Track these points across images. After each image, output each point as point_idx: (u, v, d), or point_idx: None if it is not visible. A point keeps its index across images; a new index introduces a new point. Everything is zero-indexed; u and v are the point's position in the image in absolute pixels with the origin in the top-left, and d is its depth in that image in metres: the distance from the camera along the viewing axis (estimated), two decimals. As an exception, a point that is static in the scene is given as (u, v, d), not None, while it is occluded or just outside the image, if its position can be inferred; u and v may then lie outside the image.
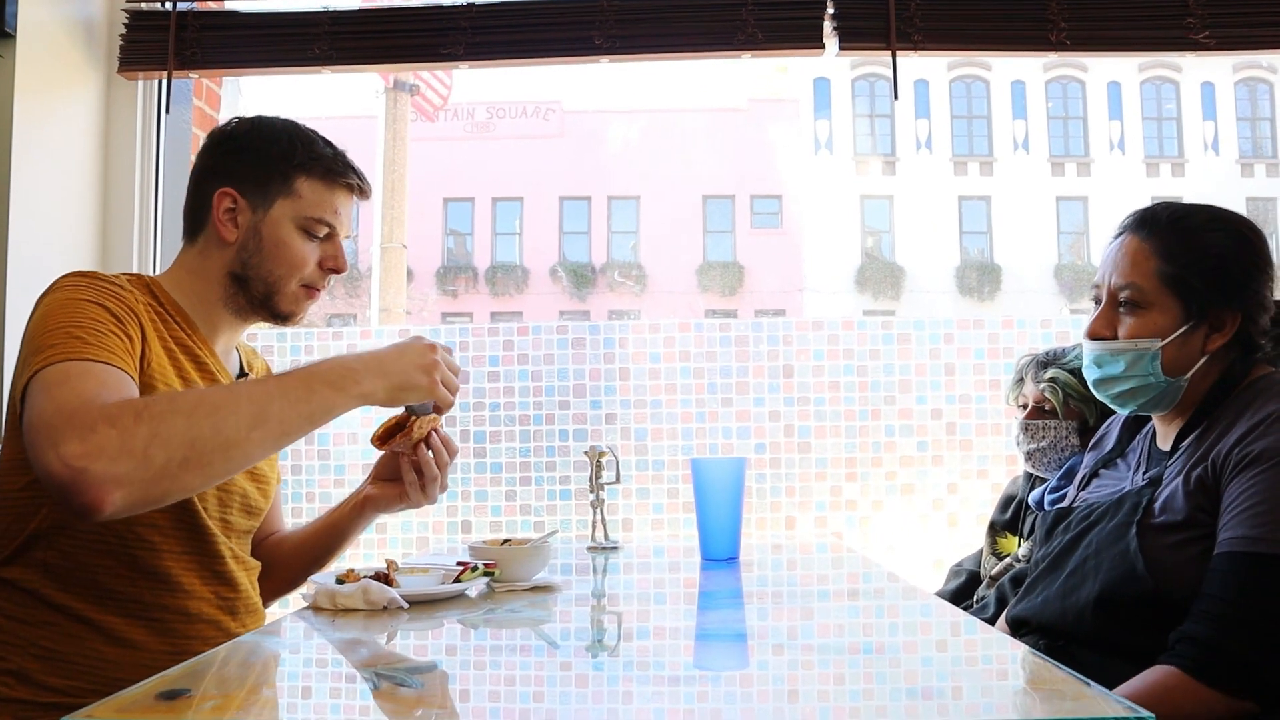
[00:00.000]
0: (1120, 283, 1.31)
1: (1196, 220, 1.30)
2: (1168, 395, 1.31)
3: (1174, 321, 1.28)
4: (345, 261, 1.38)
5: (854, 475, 2.61)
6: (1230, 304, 1.27)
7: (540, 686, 0.93)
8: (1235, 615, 1.12)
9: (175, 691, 0.83)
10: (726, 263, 23.36)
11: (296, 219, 1.33)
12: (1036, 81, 23.41)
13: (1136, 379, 1.30)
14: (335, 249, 1.37)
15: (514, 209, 23.90)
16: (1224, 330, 1.28)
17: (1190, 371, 1.29)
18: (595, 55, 2.33)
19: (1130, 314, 1.30)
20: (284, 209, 1.33)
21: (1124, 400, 1.34)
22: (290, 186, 1.33)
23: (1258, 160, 23.05)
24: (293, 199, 1.33)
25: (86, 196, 2.35)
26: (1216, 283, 1.27)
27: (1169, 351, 1.29)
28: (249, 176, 1.32)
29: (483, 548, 1.43)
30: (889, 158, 23.50)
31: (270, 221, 1.32)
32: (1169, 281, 1.28)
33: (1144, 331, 1.29)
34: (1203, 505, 1.21)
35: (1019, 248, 22.85)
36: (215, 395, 1.09)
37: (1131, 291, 1.30)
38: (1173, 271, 1.28)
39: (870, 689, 0.89)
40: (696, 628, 1.20)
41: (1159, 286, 1.29)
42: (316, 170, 1.34)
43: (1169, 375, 1.29)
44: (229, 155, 1.34)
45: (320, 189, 1.35)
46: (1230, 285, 1.27)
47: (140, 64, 2.38)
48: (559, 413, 2.65)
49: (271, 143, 1.34)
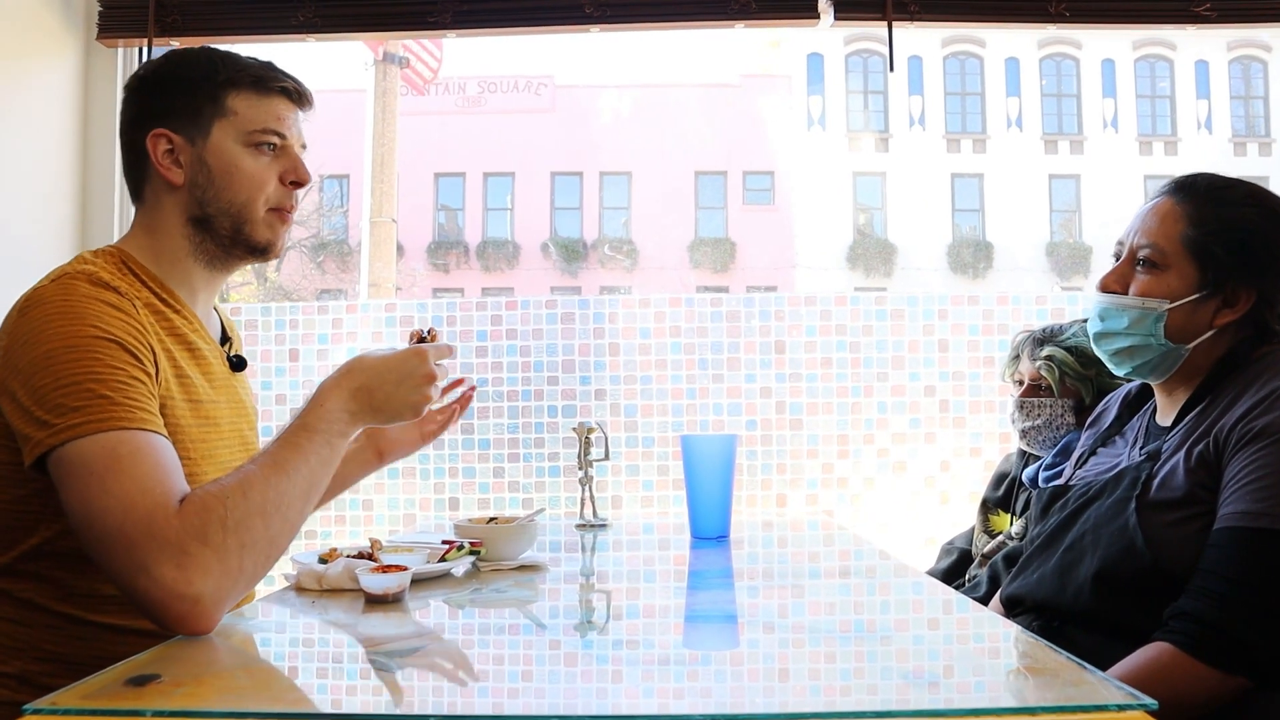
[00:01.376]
0: (1142, 241, 1.30)
1: (1235, 193, 1.29)
2: (1166, 361, 1.29)
3: (1188, 287, 1.27)
4: (307, 172, 1.29)
5: (846, 452, 2.59)
6: (1248, 280, 1.26)
7: (529, 665, 0.92)
8: (1233, 592, 1.11)
9: (145, 677, 0.80)
10: (718, 239, 23.29)
11: (240, 137, 1.24)
12: (1030, 58, 23.32)
13: (1137, 337, 1.29)
14: (292, 160, 1.28)
15: (505, 184, 23.77)
16: (1236, 307, 1.27)
17: (1194, 342, 1.28)
18: (585, 24, 2.29)
19: (1146, 272, 1.29)
20: (223, 131, 1.24)
21: (1120, 359, 1.33)
22: (222, 106, 1.24)
23: (1251, 139, 23.03)
24: (229, 118, 1.24)
25: (65, 166, 2.30)
26: (1239, 256, 1.25)
27: (1176, 316, 1.27)
28: (177, 110, 1.23)
29: (468, 526, 1.41)
30: (882, 134, 23.42)
31: (213, 149, 1.23)
32: (1191, 245, 1.27)
33: (1155, 291, 1.28)
34: (1203, 481, 1.19)
35: (1011, 225, 22.83)
36: (280, 483, 1.04)
37: (1152, 251, 1.29)
38: (1198, 236, 1.27)
39: (861, 668, 0.89)
40: (686, 606, 1.19)
41: (1180, 250, 1.27)
42: (245, 81, 1.25)
43: (1171, 340, 1.28)
44: (150, 96, 1.24)
45: (255, 100, 1.25)
46: (1253, 261, 1.25)
47: (120, 31, 2.34)
48: (548, 389, 2.62)
49: (190, 68, 1.25)
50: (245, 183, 1.25)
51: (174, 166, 1.23)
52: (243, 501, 1.00)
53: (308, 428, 1.10)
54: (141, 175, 1.26)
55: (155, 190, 1.26)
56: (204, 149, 1.23)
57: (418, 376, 1.19)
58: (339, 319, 2.70)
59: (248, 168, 1.25)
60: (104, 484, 0.97)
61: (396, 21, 2.38)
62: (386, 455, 1.50)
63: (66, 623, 1.14)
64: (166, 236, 1.25)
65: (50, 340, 1.06)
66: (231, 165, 1.24)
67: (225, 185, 1.24)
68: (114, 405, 1.02)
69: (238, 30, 2.37)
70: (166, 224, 1.25)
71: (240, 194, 1.24)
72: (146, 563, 0.94)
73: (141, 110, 1.25)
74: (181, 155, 1.23)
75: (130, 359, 1.08)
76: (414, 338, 1.30)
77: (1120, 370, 1.35)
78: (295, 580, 1.23)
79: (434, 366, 1.21)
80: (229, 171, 1.24)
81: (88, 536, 0.98)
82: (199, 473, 1.19)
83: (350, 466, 1.49)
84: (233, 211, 1.25)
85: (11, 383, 1.06)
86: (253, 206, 1.25)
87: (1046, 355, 1.85)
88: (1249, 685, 1.10)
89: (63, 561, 1.13)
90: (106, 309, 1.10)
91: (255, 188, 1.25)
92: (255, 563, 1.00)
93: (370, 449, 1.49)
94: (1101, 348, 1.35)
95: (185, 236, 1.26)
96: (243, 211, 1.25)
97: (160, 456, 1.02)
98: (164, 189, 1.25)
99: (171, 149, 1.23)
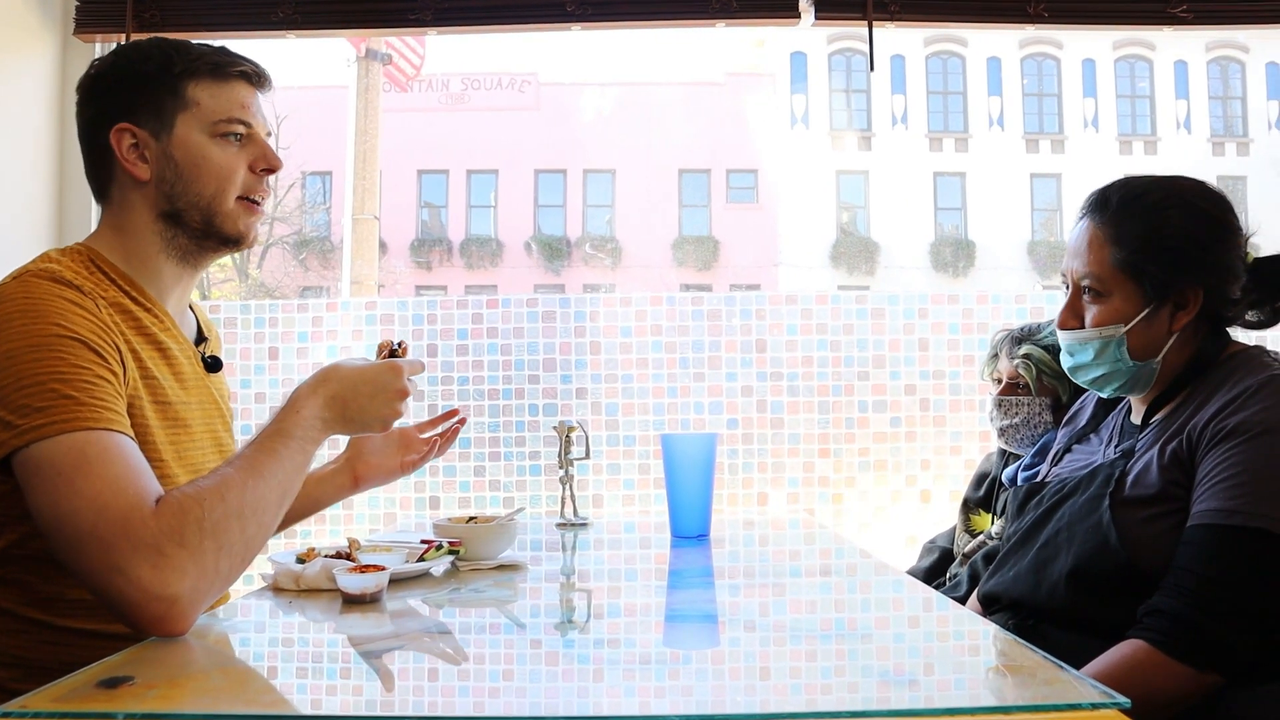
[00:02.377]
0: (1081, 271, 1.31)
1: (1149, 200, 1.29)
2: (1141, 378, 1.31)
3: (1135, 306, 1.28)
4: (277, 158, 1.28)
5: (827, 451, 2.60)
6: (1190, 281, 1.26)
7: (509, 665, 0.91)
8: (1207, 589, 1.12)
9: (117, 679, 0.80)
10: (702, 237, 23.30)
11: (204, 127, 1.22)
12: (1012, 58, 23.43)
13: (1107, 365, 1.30)
14: (260, 147, 1.27)
15: (489, 181, 23.70)
16: (1188, 307, 1.27)
17: (1161, 353, 1.29)
18: (567, 23, 2.28)
19: (1094, 301, 1.30)
20: (187, 123, 1.22)
21: (1100, 385, 1.34)
22: (183, 98, 1.22)
23: (1229, 139, 23.22)
24: (191, 110, 1.22)
25: (41, 161, 2.28)
26: (1172, 263, 1.26)
27: (1135, 336, 1.28)
28: (137, 105, 1.20)
29: (447, 525, 1.40)
30: (865, 133, 23.47)
31: (178, 141, 1.21)
32: (1124, 267, 1.27)
33: (1108, 319, 1.29)
34: (1177, 479, 1.20)
35: (993, 224, 22.93)
36: (256, 487, 1.03)
37: (1092, 280, 1.30)
38: (1126, 257, 1.27)
39: (841, 666, 0.89)
40: (667, 605, 1.19)
41: (1115, 273, 1.28)
42: (203, 70, 1.23)
43: (1137, 359, 1.29)
44: (108, 93, 1.22)
45: (215, 88, 1.23)
46: (1187, 263, 1.26)
47: (97, 25, 2.32)
48: (529, 387, 2.62)
49: (145, 61, 1.22)
50: (214, 174, 1.23)
51: (139, 162, 1.21)
52: (220, 504, 0.99)
53: (283, 433, 1.10)
54: (106, 174, 1.24)
55: (121, 187, 1.23)
56: (169, 143, 1.21)
57: (390, 391, 1.19)
58: (319, 317, 2.68)
59: (215, 159, 1.23)
60: (73, 485, 0.96)
61: (377, 18, 2.36)
62: (362, 482, 1.50)
63: (33, 627, 1.13)
64: (136, 233, 1.23)
65: (12, 339, 1.04)
66: (199, 157, 1.22)
67: (194, 178, 1.22)
68: (79, 405, 1.01)
69: (216, 26, 2.35)
70: (135, 221, 1.23)
71: (209, 186, 1.23)
72: (122, 564, 0.93)
73: (101, 109, 1.22)
74: (146, 150, 1.21)
75: (95, 358, 1.07)
76: (384, 349, 1.30)
77: (1105, 393, 1.36)
78: (272, 580, 1.22)
79: (407, 383, 1.22)
80: (196, 164, 1.22)
81: (58, 538, 0.97)
82: (170, 474, 1.18)
83: (325, 488, 1.49)
84: (202, 204, 1.23)
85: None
86: (222, 198, 1.24)
87: (1024, 354, 1.86)
88: (1222, 682, 1.11)
89: (29, 565, 1.12)
90: (70, 306, 1.09)
91: (224, 178, 1.24)
92: (231, 565, 1.00)
93: (347, 473, 1.49)
94: (1080, 379, 1.36)
95: (155, 232, 1.24)
96: (212, 204, 1.23)
97: (129, 457, 1.01)
98: (130, 185, 1.23)
99: (136, 144, 1.21)
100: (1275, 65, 23.10)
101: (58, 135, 2.32)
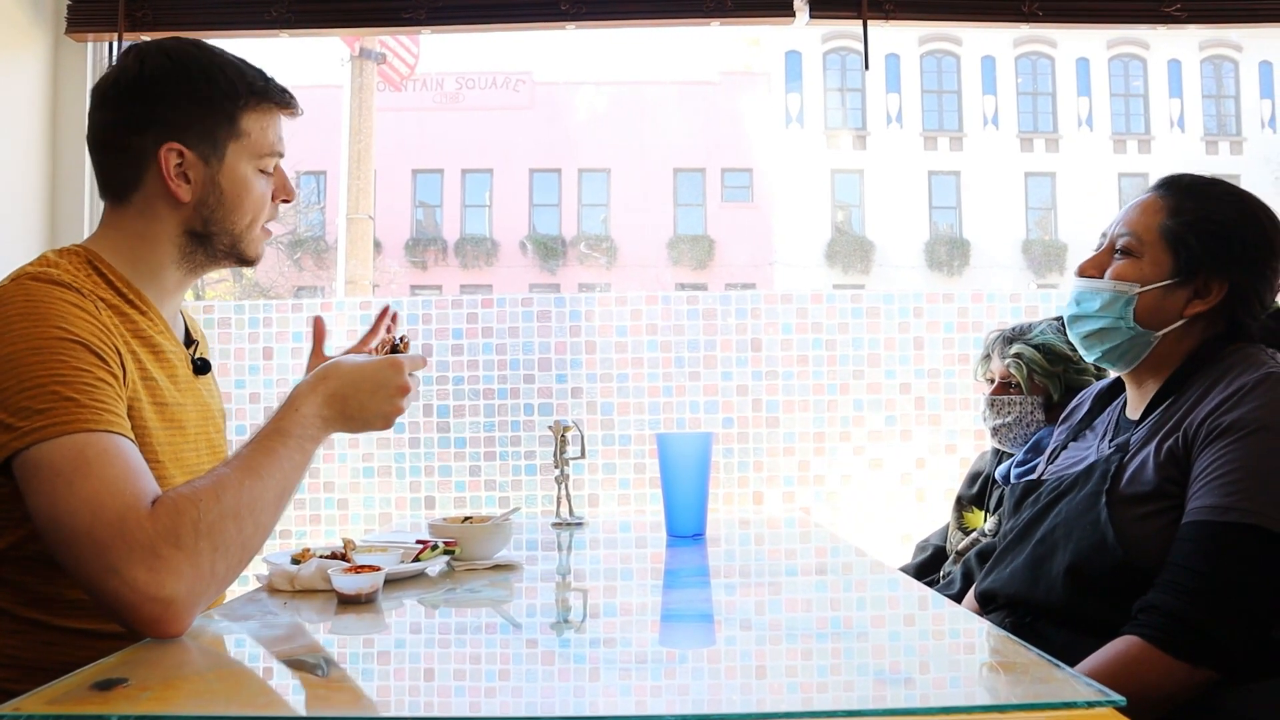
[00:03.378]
0: (1122, 230, 1.34)
1: (1217, 190, 1.33)
2: (1135, 347, 1.32)
3: (1160, 273, 1.30)
4: (294, 190, 1.31)
5: (822, 450, 2.60)
6: (1220, 272, 1.29)
7: (505, 665, 0.91)
8: (1201, 585, 1.12)
9: (111, 681, 0.79)
10: (697, 236, 23.32)
11: (251, 159, 1.24)
12: (1006, 57, 23.48)
13: (1108, 319, 1.32)
14: (282, 178, 1.29)
15: (483, 180, 23.69)
16: (1208, 298, 1.29)
17: (1163, 330, 1.30)
18: (561, 21, 2.28)
19: (1123, 258, 1.33)
20: (237, 153, 1.22)
21: (1091, 342, 1.35)
22: (238, 127, 1.22)
23: (1222, 138, 23.29)
24: (243, 140, 1.23)
25: (33, 161, 2.27)
26: (1211, 246, 1.28)
27: (1146, 300, 1.30)
28: (192, 126, 1.20)
29: (443, 525, 1.40)
30: (860, 132, 23.50)
31: (227, 171, 1.22)
32: (1168, 234, 1.30)
33: (1129, 276, 1.32)
34: (1172, 476, 1.21)
35: (988, 223, 22.98)
36: (253, 486, 1.03)
37: (1130, 239, 1.33)
38: (1174, 226, 1.30)
39: (838, 665, 0.89)
40: (663, 605, 1.19)
41: (1157, 238, 1.31)
42: (260, 103, 1.24)
43: (1140, 324, 1.31)
44: (162, 104, 1.19)
45: (263, 120, 1.25)
46: (1224, 253, 1.28)
47: (89, 25, 2.31)
48: (524, 387, 2.62)
49: (209, 83, 1.21)
50: (253, 205, 1.25)
51: (183, 183, 1.20)
52: (216, 505, 0.99)
53: (281, 431, 1.09)
54: (133, 180, 1.21)
55: (149, 198, 1.21)
56: (218, 170, 1.22)
57: (391, 387, 1.19)
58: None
59: (258, 191, 1.25)
60: (72, 486, 0.96)
61: (370, 17, 2.36)
62: None
63: (30, 627, 1.13)
64: (153, 242, 1.23)
65: (13, 342, 1.04)
66: (244, 188, 1.24)
67: (234, 207, 1.24)
68: (80, 407, 1.01)
69: (209, 25, 2.35)
70: (155, 231, 1.23)
71: (246, 216, 1.25)
72: (118, 565, 0.93)
73: (147, 115, 1.19)
74: (191, 172, 1.21)
75: (96, 360, 1.07)
76: (385, 345, 1.29)
77: (1090, 355, 1.37)
78: (267, 581, 1.22)
79: (407, 378, 1.20)
80: (240, 195, 1.24)
81: (55, 539, 0.97)
82: (166, 475, 1.18)
83: None
84: (235, 231, 1.25)
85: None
86: (253, 227, 1.27)
87: (1015, 353, 1.86)
88: (1217, 678, 1.11)
89: (27, 566, 1.12)
90: (71, 309, 1.08)
91: (259, 209, 1.26)
92: (228, 566, 1.00)
93: None
94: (1074, 330, 1.38)
95: (175, 245, 1.24)
96: (244, 232, 1.26)
97: (128, 458, 1.01)
98: (162, 200, 1.21)
99: (181, 164, 1.20)
100: (1268, 64, 23.18)
101: (49, 135, 2.31)
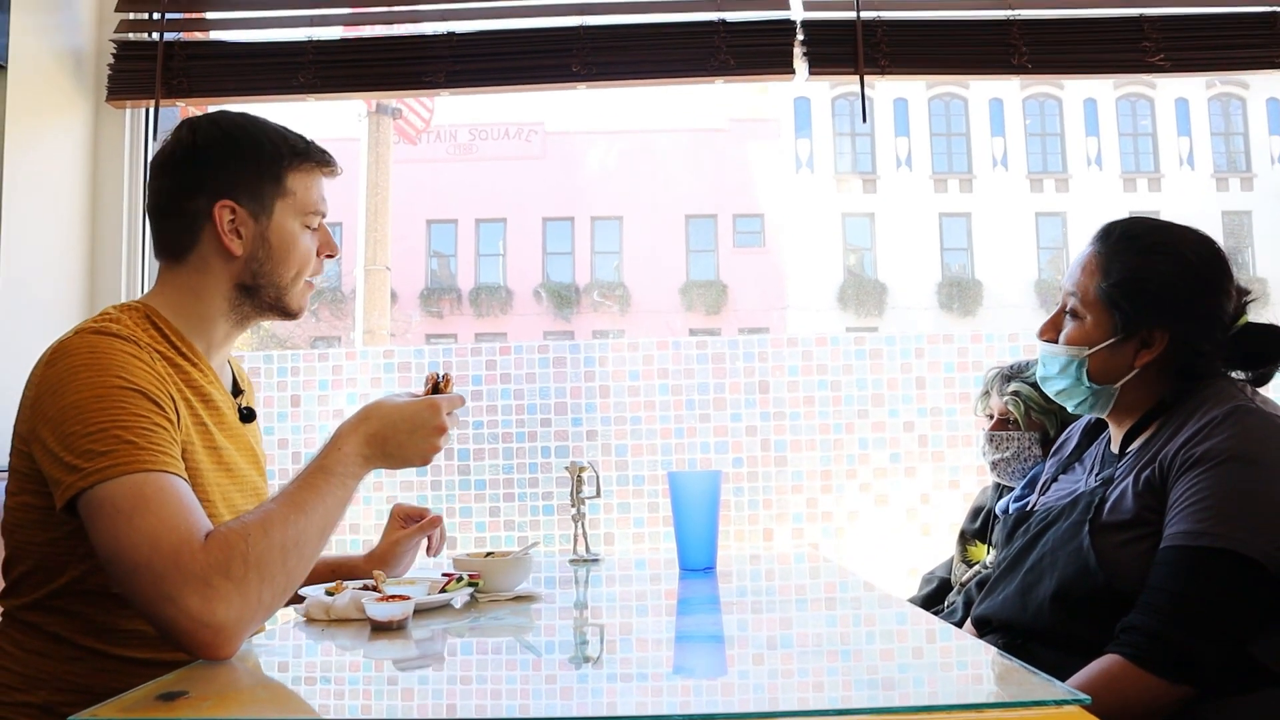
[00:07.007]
0: (1070, 290, 1.42)
1: (1143, 242, 1.38)
2: (1100, 399, 1.40)
3: (1103, 334, 1.38)
4: (337, 246, 1.42)
5: (829, 487, 2.66)
6: (1158, 324, 1.35)
7: (526, 700, 0.96)
8: (1177, 606, 1.19)
9: (174, 693, 0.88)
10: (709, 281, 23.45)
11: (297, 216, 1.34)
12: (1014, 99, 23.68)
13: (1068, 380, 1.41)
14: (326, 234, 1.39)
15: (497, 230, 23.95)
16: (1153, 347, 1.36)
17: (1120, 381, 1.38)
18: (573, 82, 2.39)
19: (1072, 321, 1.41)
20: (284, 210, 1.33)
21: (1062, 398, 1.45)
22: (283, 186, 1.33)
23: (1232, 174, 23.36)
24: (288, 198, 1.33)
25: (75, 223, 2.39)
26: (1145, 305, 1.35)
27: (1095, 361, 1.38)
28: (243, 186, 1.31)
29: (466, 559, 1.47)
30: (869, 175, 23.68)
31: (275, 227, 1.33)
32: (1103, 296, 1.38)
33: (1077, 339, 1.40)
34: (1150, 505, 1.28)
35: (999, 263, 23.05)
36: (298, 521, 1.11)
37: (1075, 301, 1.41)
38: (1107, 288, 1.37)
39: (849, 696, 0.91)
40: (677, 637, 1.23)
41: (1096, 300, 1.38)
42: (302, 163, 1.35)
43: (1096, 382, 1.39)
44: (214, 167, 1.31)
45: (307, 180, 1.36)
46: (1159, 307, 1.34)
47: (128, 93, 2.43)
48: (541, 430, 2.70)
49: (256, 147, 1.33)
50: (298, 259, 1.35)
51: (235, 238, 1.31)
52: (263, 539, 1.07)
53: (325, 469, 1.17)
54: (190, 239, 1.32)
55: (204, 255, 1.33)
56: (267, 226, 1.33)
57: (429, 428, 1.25)
58: (339, 365, 2.78)
59: (303, 245, 1.36)
60: (131, 521, 1.05)
61: (392, 81, 2.48)
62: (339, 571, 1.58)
63: (90, 655, 1.21)
64: (206, 296, 1.34)
65: (79, 390, 1.14)
66: (291, 243, 1.34)
67: (281, 260, 1.34)
68: (139, 450, 1.10)
69: (240, 91, 2.46)
70: (209, 285, 1.33)
71: (292, 269, 1.35)
72: (173, 593, 1.01)
73: (201, 178, 1.31)
74: (243, 228, 1.32)
75: (153, 407, 1.16)
76: (429, 382, 1.38)
77: (1069, 406, 1.46)
78: (305, 611, 1.30)
79: (445, 419, 1.27)
80: (288, 249, 1.34)
81: (116, 570, 1.05)
82: (216, 514, 1.27)
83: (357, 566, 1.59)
84: (282, 284, 1.35)
85: (42, 431, 1.14)
86: (299, 279, 1.37)
87: (1013, 390, 1.93)
88: (1194, 694, 1.18)
89: (89, 599, 1.21)
90: (130, 360, 1.18)
91: (304, 263, 1.37)
92: (273, 595, 1.07)
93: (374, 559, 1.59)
94: (1046, 389, 1.47)
95: (226, 299, 1.34)
96: (290, 285, 1.36)
97: (183, 496, 1.10)
98: (216, 255, 1.32)
99: (234, 220, 1.31)
100: (1276, 101, 23.28)
101: (89, 198, 2.43)
